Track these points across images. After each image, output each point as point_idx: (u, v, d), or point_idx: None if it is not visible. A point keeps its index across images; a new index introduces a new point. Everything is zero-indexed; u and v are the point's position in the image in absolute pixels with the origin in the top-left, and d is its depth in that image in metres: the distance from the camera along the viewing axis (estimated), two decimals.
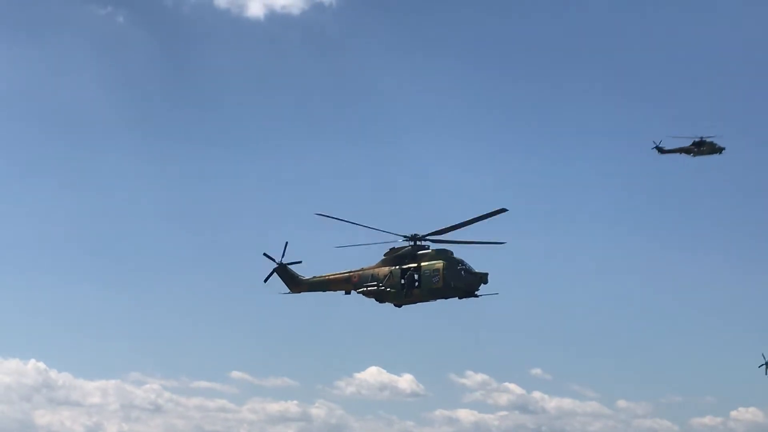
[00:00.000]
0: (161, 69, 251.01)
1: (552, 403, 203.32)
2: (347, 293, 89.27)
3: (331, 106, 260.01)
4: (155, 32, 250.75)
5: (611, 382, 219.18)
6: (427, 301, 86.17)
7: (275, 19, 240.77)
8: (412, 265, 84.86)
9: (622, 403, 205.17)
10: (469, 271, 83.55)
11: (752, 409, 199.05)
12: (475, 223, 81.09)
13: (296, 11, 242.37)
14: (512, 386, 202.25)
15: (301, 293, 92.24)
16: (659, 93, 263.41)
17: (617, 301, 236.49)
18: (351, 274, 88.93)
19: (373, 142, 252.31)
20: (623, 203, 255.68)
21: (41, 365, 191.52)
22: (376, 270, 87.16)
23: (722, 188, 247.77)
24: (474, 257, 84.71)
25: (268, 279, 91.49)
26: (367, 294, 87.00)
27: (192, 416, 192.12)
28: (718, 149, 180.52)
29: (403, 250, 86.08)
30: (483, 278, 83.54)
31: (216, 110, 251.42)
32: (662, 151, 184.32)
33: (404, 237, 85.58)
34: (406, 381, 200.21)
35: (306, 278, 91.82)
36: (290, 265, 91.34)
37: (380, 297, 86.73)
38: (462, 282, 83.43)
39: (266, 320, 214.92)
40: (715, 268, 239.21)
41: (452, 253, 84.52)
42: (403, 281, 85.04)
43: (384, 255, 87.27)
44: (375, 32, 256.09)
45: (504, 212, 79.65)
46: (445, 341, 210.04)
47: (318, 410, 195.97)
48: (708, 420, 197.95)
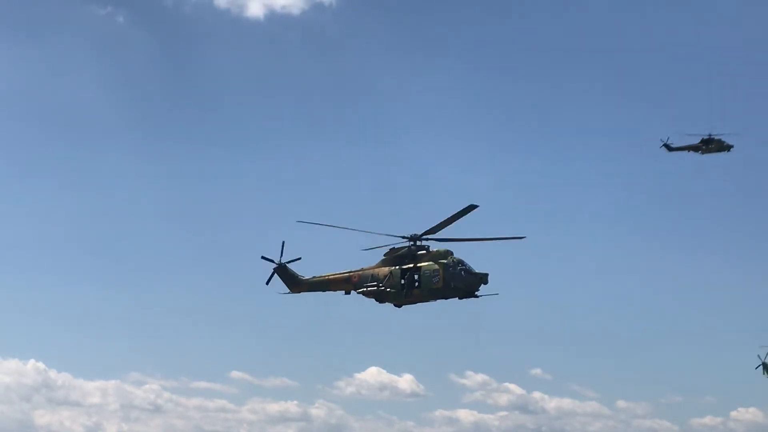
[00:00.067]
0: (161, 69, 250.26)
1: (552, 404, 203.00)
2: (347, 293, 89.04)
3: (331, 106, 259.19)
4: (155, 32, 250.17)
5: (611, 382, 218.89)
6: (427, 302, 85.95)
7: (275, 19, 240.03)
8: (412, 265, 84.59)
9: (622, 404, 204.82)
10: (469, 272, 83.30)
11: (752, 410, 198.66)
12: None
13: (296, 11, 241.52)
14: (512, 386, 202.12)
15: (301, 293, 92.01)
16: (659, 93, 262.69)
17: (617, 301, 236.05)
18: (351, 274, 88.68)
19: (373, 142, 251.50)
20: (623, 203, 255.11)
21: (41, 365, 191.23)
22: (376, 270, 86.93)
23: (722, 188, 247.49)
24: (474, 257, 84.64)
25: (270, 280, 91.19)
26: (367, 294, 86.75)
27: (192, 416, 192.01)
28: (726, 147, 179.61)
29: (403, 251, 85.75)
30: (483, 278, 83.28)
31: (216, 110, 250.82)
32: (670, 149, 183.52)
33: (403, 237, 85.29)
34: (406, 381, 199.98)
35: (306, 278, 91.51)
36: (290, 263, 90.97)
37: (380, 297, 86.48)
38: (462, 282, 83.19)
39: (266, 320, 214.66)
40: (715, 268, 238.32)
41: (452, 254, 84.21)
42: (403, 281, 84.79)
43: (384, 255, 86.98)
44: (375, 32, 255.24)
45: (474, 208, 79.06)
46: (445, 341, 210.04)
47: (318, 410, 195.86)
48: (708, 420, 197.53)
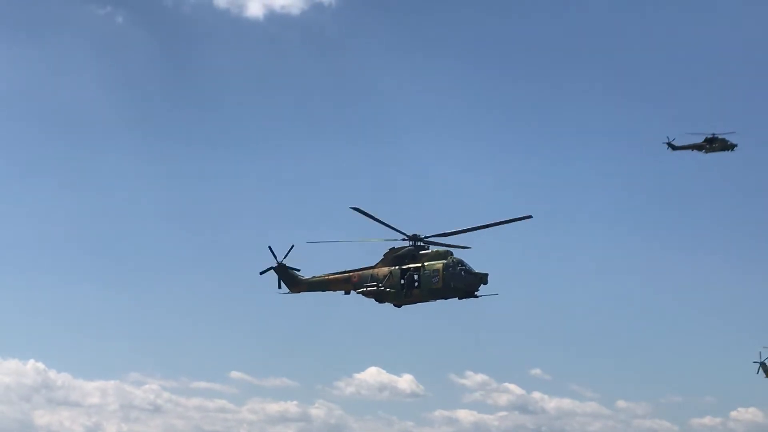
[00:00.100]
0: (161, 69, 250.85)
1: (552, 404, 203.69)
2: (347, 293, 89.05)
3: (331, 106, 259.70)
4: (155, 32, 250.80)
5: (611, 383, 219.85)
6: (427, 302, 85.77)
7: (275, 19, 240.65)
8: (412, 266, 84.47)
9: (622, 404, 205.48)
10: (469, 272, 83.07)
11: (752, 410, 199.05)
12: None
13: (296, 11, 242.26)
14: (512, 386, 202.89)
15: (301, 293, 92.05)
16: (659, 93, 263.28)
17: (617, 301, 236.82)
18: (351, 274, 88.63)
19: (373, 142, 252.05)
20: (623, 203, 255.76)
21: (40, 365, 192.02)
22: (376, 270, 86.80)
23: (722, 188, 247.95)
24: (474, 257, 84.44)
25: (264, 273, 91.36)
26: (367, 294, 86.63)
27: (191, 416, 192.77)
28: (730, 146, 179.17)
29: (403, 250, 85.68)
30: (483, 279, 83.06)
31: (216, 110, 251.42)
32: (674, 148, 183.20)
33: (405, 236, 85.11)
34: (406, 381, 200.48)
35: (306, 278, 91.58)
36: (290, 269, 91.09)
37: (380, 297, 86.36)
38: (462, 282, 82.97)
39: (266, 320, 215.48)
40: (715, 268, 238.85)
41: (452, 254, 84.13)
42: (403, 281, 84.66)
43: (384, 255, 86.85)
44: (375, 32, 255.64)
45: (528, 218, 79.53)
46: (445, 341, 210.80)
47: (318, 410, 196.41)
48: (708, 420, 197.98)
